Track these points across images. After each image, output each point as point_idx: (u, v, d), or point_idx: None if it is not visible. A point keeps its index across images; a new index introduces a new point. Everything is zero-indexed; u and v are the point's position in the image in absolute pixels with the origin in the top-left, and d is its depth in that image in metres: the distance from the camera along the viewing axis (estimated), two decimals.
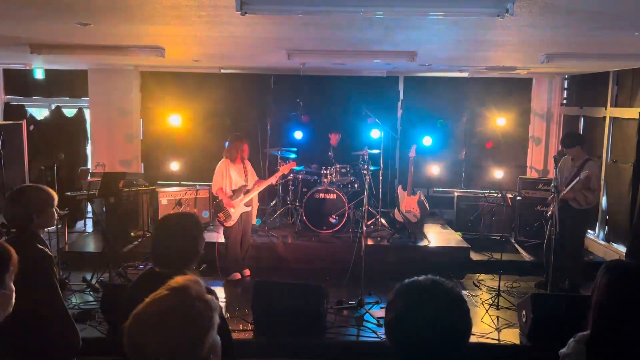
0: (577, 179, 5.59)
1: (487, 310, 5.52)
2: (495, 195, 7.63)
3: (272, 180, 6.64)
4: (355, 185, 7.70)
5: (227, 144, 6.42)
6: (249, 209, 6.37)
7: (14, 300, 2.01)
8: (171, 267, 2.29)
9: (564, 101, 8.85)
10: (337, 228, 7.25)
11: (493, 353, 4.83)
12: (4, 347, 2.70)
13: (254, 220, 6.68)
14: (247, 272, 6.51)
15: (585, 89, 8.12)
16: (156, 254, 2.39)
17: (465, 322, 1.49)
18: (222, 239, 6.55)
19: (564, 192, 5.68)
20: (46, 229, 2.99)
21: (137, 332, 1.34)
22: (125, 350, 1.35)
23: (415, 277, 1.55)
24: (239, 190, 6.28)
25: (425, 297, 1.48)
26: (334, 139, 8.15)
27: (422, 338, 1.44)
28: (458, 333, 1.47)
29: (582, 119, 8.13)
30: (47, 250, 2.84)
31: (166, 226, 2.44)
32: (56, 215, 2.94)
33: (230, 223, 6.23)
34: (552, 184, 6.07)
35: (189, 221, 2.46)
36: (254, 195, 6.40)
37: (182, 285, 1.42)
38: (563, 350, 2.06)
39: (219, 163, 6.33)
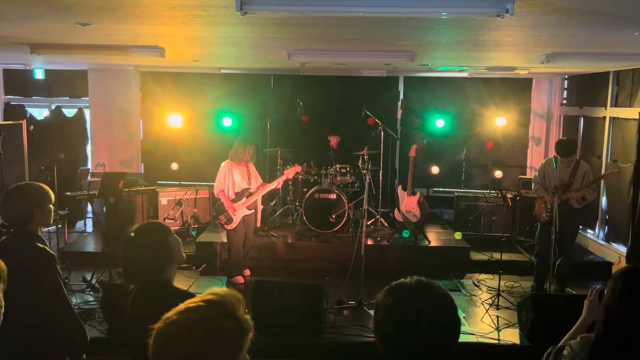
0: (586, 177, 5.75)
1: (487, 310, 5.52)
2: (495, 195, 7.62)
3: (276, 184, 6.60)
4: (355, 185, 7.70)
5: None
6: (251, 212, 6.32)
7: (2, 316, 2.01)
8: (143, 277, 2.28)
9: (564, 101, 8.84)
10: (337, 228, 7.25)
11: (493, 353, 4.84)
12: (9, 348, 2.70)
13: (258, 223, 6.63)
14: (247, 272, 6.50)
15: (585, 89, 8.11)
16: (128, 271, 2.31)
17: (452, 322, 1.49)
18: (222, 239, 6.54)
19: (572, 193, 5.70)
20: (46, 229, 2.98)
21: (162, 338, 1.30)
22: (150, 355, 1.32)
23: (402, 278, 1.55)
24: (241, 193, 6.24)
25: (411, 297, 1.48)
26: (334, 141, 8.14)
27: (408, 338, 1.45)
28: (445, 332, 1.47)
29: (582, 119, 8.13)
30: (47, 248, 2.84)
31: (133, 241, 2.31)
32: (53, 213, 2.94)
33: (232, 226, 6.19)
34: (538, 186, 6.05)
35: (154, 230, 2.36)
36: (256, 198, 6.36)
37: (220, 300, 1.35)
38: (566, 352, 2.05)
39: (222, 164, 6.28)
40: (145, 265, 2.28)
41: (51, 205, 2.91)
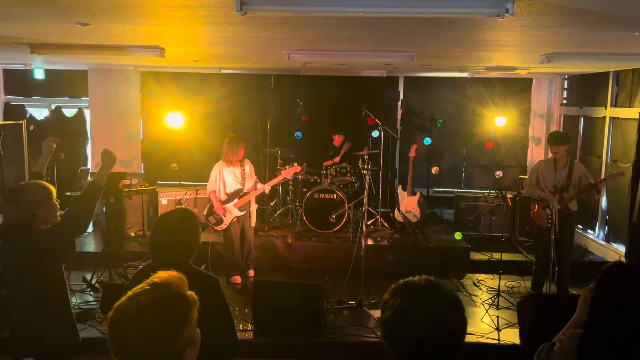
0: (583, 179, 5.62)
1: (487, 310, 5.52)
2: (495, 195, 7.63)
3: (274, 183, 6.55)
4: (355, 185, 7.70)
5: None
6: (243, 213, 6.24)
7: None
8: (170, 257, 2.41)
9: (564, 101, 8.84)
10: (337, 228, 7.25)
11: (493, 353, 4.84)
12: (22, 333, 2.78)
13: (253, 223, 6.53)
14: (251, 272, 6.47)
15: (585, 89, 8.11)
16: (155, 247, 2.53)
17: (459, 323, 1.49)
18: (213, 240, 6.53)
19: (569, 195, 5.64)
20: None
21: (117, 324, 1.39)
22: (107, 342, 1.40)
23: (411, 277, 1.55)
24: (233, 194, 6.20)
25: (420, 296, 1.49)
26: (338, 140, 8.14)
27: (415, 338, 1.45)
28: (452, 333, 1.47)
29: (582, 119, 8.13)
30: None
31: (165, 221, 2.56)
32: (57, 207, 2.97)
33: (222, 227, 6.17)
34: (534, 189, 5.92)
35: (186, 216, 2.60)
36: (249, 199, 6.29)
37: (163, 281, 1.46)
38: (556, 348, 2.06)
39: (215, 165, 6.25)
40: (176, 250, 2.50)
41: (54, 201, 2.93)
